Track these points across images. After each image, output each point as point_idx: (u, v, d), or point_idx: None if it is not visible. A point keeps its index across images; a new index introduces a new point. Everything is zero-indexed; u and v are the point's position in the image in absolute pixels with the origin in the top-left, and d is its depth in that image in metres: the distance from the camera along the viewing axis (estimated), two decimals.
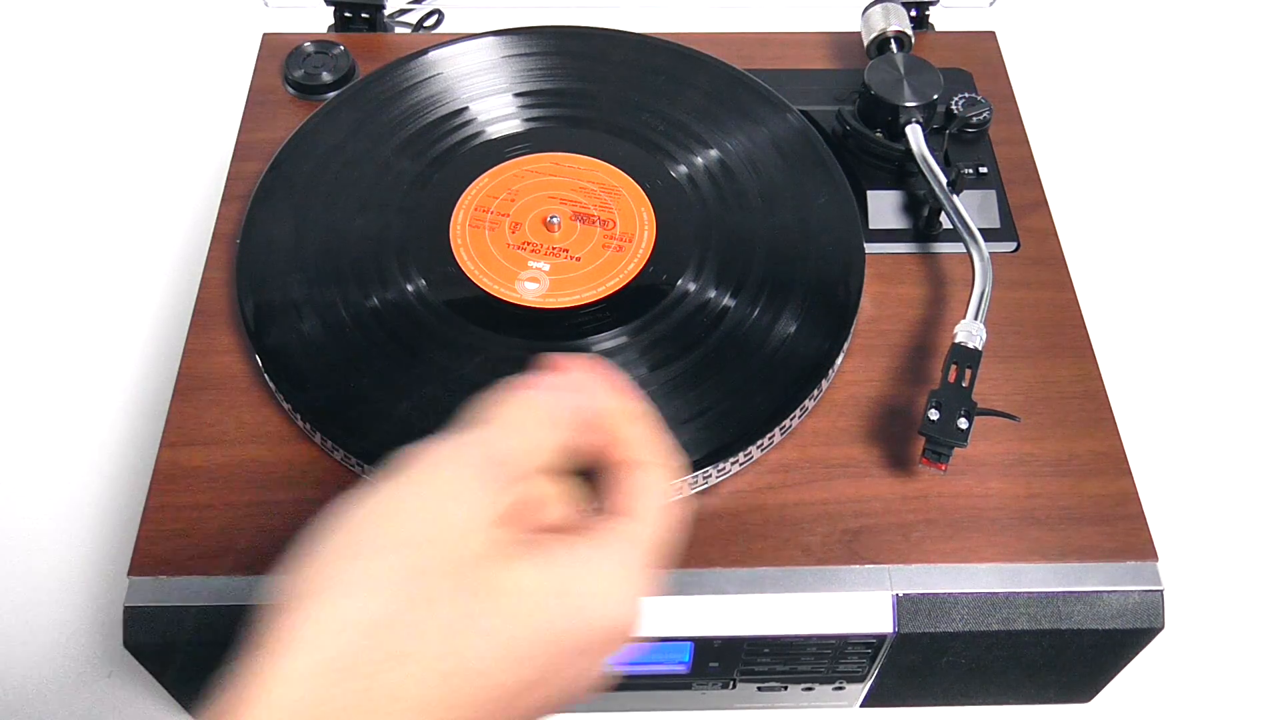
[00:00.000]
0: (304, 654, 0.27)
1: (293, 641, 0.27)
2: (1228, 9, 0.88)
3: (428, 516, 0.29)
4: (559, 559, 0.29)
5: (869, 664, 0.47)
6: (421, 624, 0.27)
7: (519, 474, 0.31)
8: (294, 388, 0.48)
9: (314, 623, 0.27)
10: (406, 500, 0.29)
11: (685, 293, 0.51)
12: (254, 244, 0.53)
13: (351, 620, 0.27)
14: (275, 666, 0.27)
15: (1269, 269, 0.72)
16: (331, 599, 0.27)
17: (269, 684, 0.27)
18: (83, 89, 0.81)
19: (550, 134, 0.57)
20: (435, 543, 0.28)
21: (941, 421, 0.44)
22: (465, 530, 0.29)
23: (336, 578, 0.28)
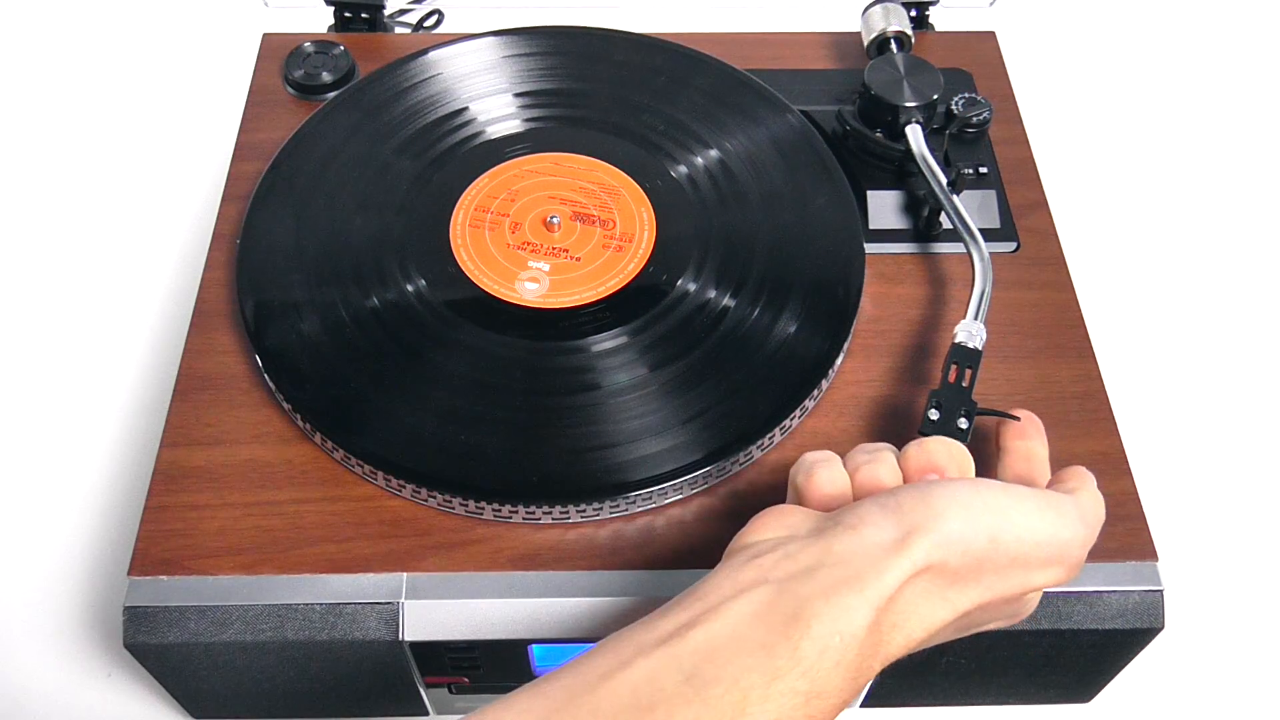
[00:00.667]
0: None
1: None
2: (1228, 9, 0.88)
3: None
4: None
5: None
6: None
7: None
8: (294, 388, 0.48)
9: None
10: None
11: (685, 293, 0.51)
12: (254, 244, 0.53)
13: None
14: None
15: (1269, 269, 0.72)
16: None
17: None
18: (83, 89, 0.81)
19: (550, 134, 0.57)
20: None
21: (941, 421, 0.44)
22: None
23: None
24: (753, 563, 0.35)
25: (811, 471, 0.39)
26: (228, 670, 0.46)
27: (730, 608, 0.33)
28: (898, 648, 0.35)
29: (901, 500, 0.35)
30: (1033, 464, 0.42)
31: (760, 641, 0.32)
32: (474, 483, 0.45)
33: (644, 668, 0.32)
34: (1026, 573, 0.36)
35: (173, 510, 0.46)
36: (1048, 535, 0.36)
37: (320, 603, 0.43)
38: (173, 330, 0.67)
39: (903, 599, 0.34)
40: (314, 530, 0.45)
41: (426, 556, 0.45)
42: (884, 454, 0.40)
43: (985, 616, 0.37)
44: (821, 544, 0.35)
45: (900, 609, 0.34)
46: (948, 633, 0.37)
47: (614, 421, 0.47)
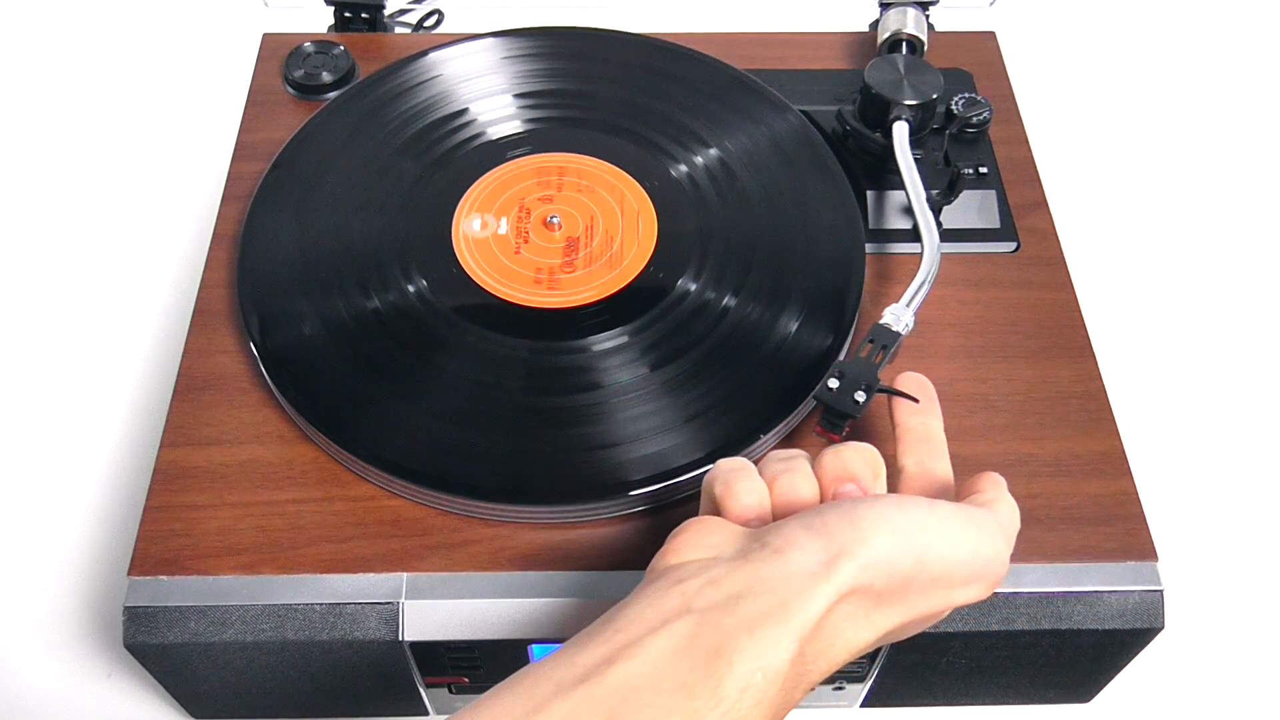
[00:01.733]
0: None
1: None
2: (1228, 9, 0.88)
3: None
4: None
5: (869, 664, 0.47)
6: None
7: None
8: (294, 388, 0.48)
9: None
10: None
11: (686, 292, 0.51)
12: (254, 244, 0.53)
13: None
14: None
15: (1269, 269, 0.72)
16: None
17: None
18: (83, 89, 0.81)
19: (551, 134, 0.57)
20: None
21: (839, 391, 0.44)
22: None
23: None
24: (676, 589, 0.34)
25: (729, 483, 0.38)
26: (228, 670, 0.46)
27: (650, 642, 0.32)
28: (820, 674, 0.34)
29: (828, 521, 0.35)
30: (930, 443, 0.42)
31: (681, 680, 0.31)
32: (474, 483, 0.45)
33: (561, 711, 0.31)
34: (949, 591, 0.36)
35: (173, 510, 0.46)
36: (970, 553, 0.36)
37: (320, 603, 0.43)
38: (173, 330, 0.67)
39: (828, 625, 0.34)
40: (314, 530, 0.45)
41: (426, 556, 0.45)
42: (799, 462, 0.39)
43: (904, 632, 0.37)
44: (747, 569, 0.34)
45: (825, 635, 0.34)
46: (868, 649, 0.36)
47: (614, 421, 0.47)
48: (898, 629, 0.36)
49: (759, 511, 0.38)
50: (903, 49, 0.60)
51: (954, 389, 0.50)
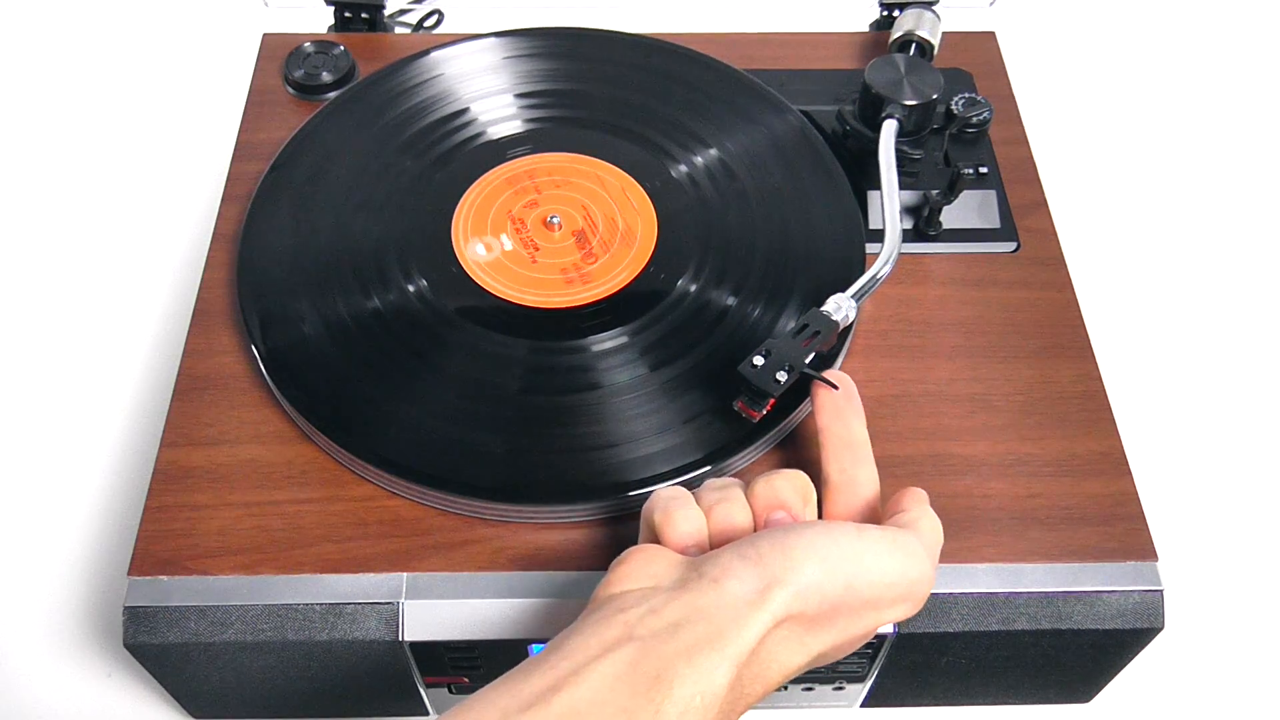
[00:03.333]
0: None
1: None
2: (1228, 9, 0.88)
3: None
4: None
5: (869, 664, 0.47)
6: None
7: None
8: (294, 388, 0.48)
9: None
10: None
11: (685, 293, 0.51)
12: (254, 244, 0.53)
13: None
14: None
15: (1269, 269, 0.72)
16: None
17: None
18: (83, 89, 0.81)
19: (551, 134, 0.57)
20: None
21: (762, 369, 0.44)
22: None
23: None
24: (617, 617, 0.35)
25: (668, 511, 0.40)
26: (228, 670, 0.46)
27: (594, 669, 0.33)
28: (756, 696, 0.36)
29: (761, 551, 0.36)
30: (854, 449, 0.43)
31: (623, 705, 0.33)
32: (474, 483, 0.45)
33: None
34: (878, 612, 0.37)
35: (173, 510, 0.46)
36: (898, 575, 0.37)
37: (320, 603, 0.43)
38: (173, 330, 0.67)
39: (764, 650, 0.35)
40: (314, 530, 0.45)
41: (426, 556, 0.45)
42: (734, 491, 0.41)
43: (836, 653, 0.38)
44: (685, 598, 0.35)
45: (761, 660, 0.35)
46: (801, 671, 0.37)
47: (614, 421, 0.47)
48: (830, 650, 0.37)
49: (697, 539, 0.39)
50: (911, 51, 0.60)
51: (954, 389, 0.50)
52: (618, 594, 0.37)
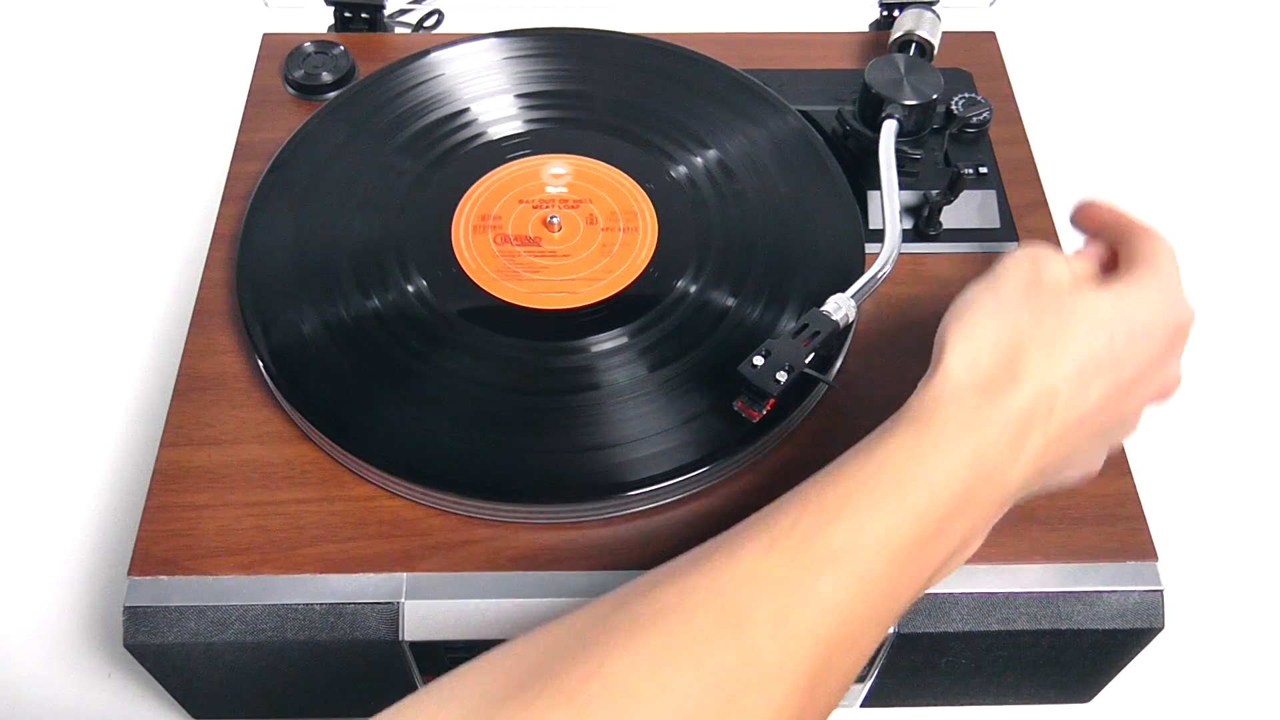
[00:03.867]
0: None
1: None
2: (1228, 9, 0.88)
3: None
4: (1119, 289, 0.40)
5: (869, 664, 0.47)
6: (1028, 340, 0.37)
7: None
8: (294, 388, 0.48)
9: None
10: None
11: (685, 293, 0.51)
12: (254, 244, 0.53)
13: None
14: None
15: (1269, 269, 0.72)
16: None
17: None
18: (83, 89, 0.81)
19: (551, 135, 0.57)
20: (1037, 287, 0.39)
21: (762, 369, 0.44)
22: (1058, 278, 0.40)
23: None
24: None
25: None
26: (228, 670, 0.46)
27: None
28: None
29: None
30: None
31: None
32: (474, 483, 0.45)
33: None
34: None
35: (173, 510, 0.46)
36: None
37: (320, 603, 0.43)
38: (173, 330, 0.67)
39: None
40: (314, 530, 0.45)
41: (426, 556, 0.45)
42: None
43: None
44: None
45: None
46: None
47: (614, 422, 0.47)
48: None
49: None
50: (911, 51, 0.60)
51: None
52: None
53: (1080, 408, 0.37)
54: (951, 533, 0.35)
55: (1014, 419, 0.36)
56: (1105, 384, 0.38)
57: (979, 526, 0.37)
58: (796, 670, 0.32)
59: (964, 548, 0.37)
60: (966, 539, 0.36)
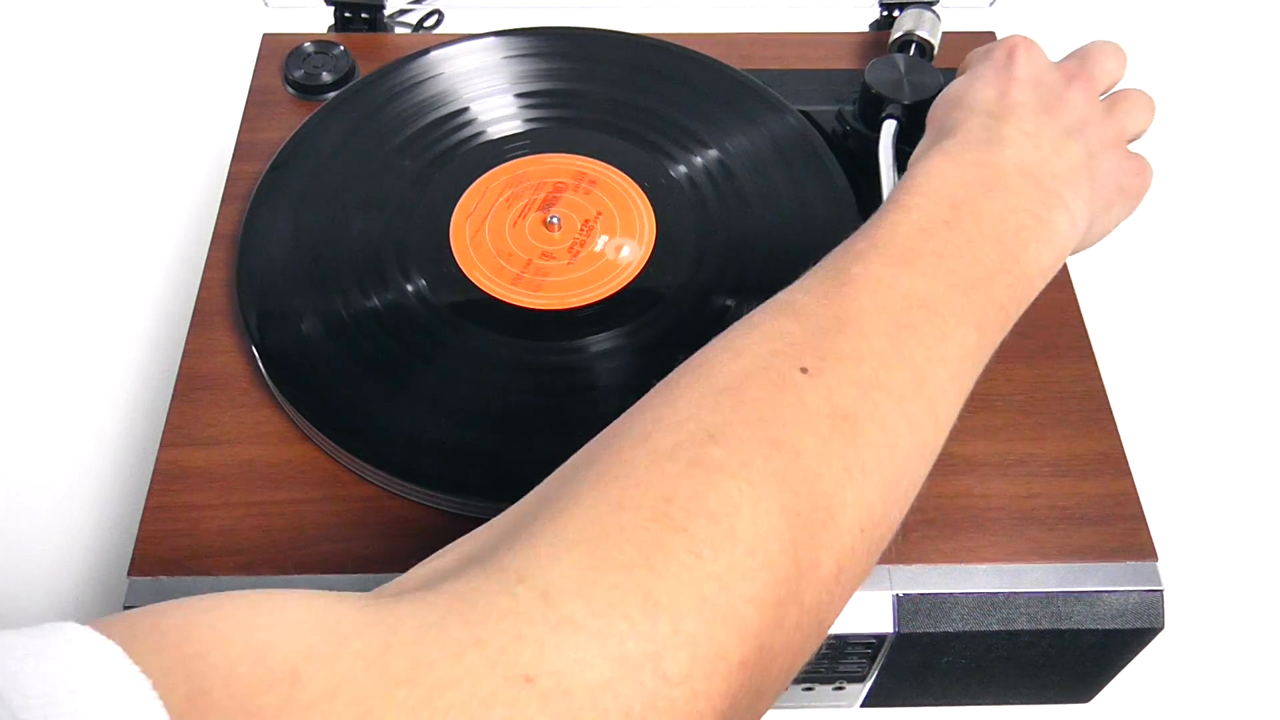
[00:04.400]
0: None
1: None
2: (1227, 10, 0.88)
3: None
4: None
5: (869, 664, 0.47)
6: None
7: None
8: (294, 388, 0.48)
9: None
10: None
11: (685, 293, 0.51)
12: (254, 244, 0.53)
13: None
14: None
15: (1269, 269, 0.72)
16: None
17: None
18: (83, 89, 0.81)
19: (550, 134, 0.57)
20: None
21: None
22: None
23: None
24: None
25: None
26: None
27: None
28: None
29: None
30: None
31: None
32: (473, 483, 0.45)
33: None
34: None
35: (173, 510, 0.46)
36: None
37: None
38: (173, 330, 0.67)
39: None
40: (314, 530, 0.45)
41: (426, 556, 0.45)
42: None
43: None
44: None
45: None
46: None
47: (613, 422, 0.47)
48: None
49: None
50: (911, 51, 0.60)
51: None
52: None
53: (1017, 106, 0.42)
54: (977, 211, 0.37)
55: (966, 131, 0.41)
56: (1018, 92, 0.43)
57: (1026, 202, 0.38)
58: (861, 322, 0.34)
59: (1027, 226, 0.38)
60: (1015, 213, 0.38)
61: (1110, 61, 0.48)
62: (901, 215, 0.37)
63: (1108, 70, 0.47)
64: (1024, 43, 0.45)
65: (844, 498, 0.31)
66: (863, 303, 0.34)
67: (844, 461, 0.31)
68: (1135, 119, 0.47)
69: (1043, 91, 0.43)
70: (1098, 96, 0.46)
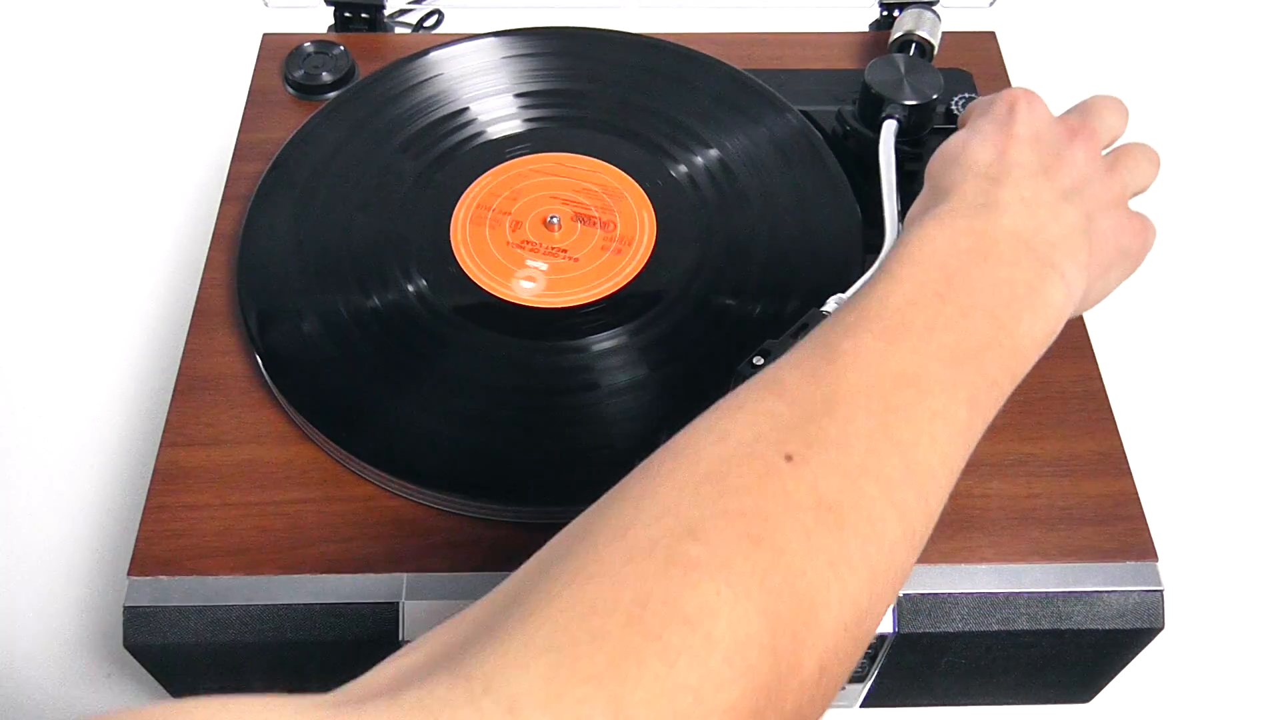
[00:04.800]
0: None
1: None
2: (1227, 9, 0.88)
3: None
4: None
5: (869, 664, 0.47)
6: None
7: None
8: (294, 388, 0.48)
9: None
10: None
11: (685, 293, 0.51)
12: (254, 244, 0.53)
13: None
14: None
15: (1269, 269, 0.72)
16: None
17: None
18: (83, 89, 0.81)
19: (551, 134, 0.57)
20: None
21: (761, 370, 0.43)
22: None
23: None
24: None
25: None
26: (228, 670, 0.46)
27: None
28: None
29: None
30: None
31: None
32: (473, 482, 0.45)
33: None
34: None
35: (173, 510, 0.46)
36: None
37: (320, 603, 0.43)
38: (173, 330, 0.67)
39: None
40: (314, 530, 0.45)
41: (426, 556, 0.45)
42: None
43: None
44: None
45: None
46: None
47: (614, 422, 0.47)
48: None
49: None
50: (911, 51, 0.60)
51: None
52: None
53: (1014, 168, 0.40)
54: (969, 282, 0.36)
55: (960, 197, 0.39)
56: (1017, 151, 0.41)
57: (1021, 273, 0.37)
58: (849, 405, 0.33)
59: (1021, 298, 0.37)
60: (1009, 285, 0.37)
61: (1112, 116, 0.47)
62: (892, 286, 0.36)
63: (1109, 125, 0.46)
64: (1025, 96, 0.44)
65: (828, 596, 0.29)
66: (851, 381, 0.33)
67: (828, 556, 0.30)
68: (1139, 175, 0.45)
69: (1042, 149, 0.41)
70: (1099, 153, 0.44)
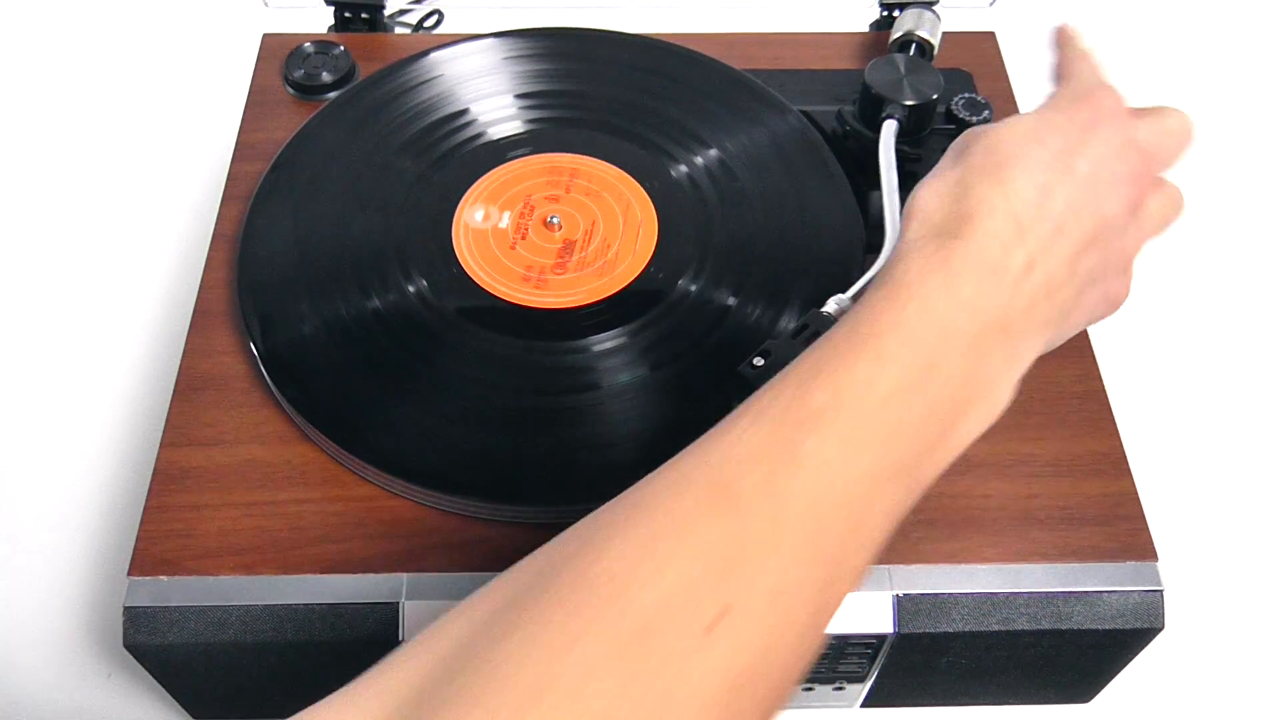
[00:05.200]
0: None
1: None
2: (1227, 10, 0.88)
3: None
4: (1040, 107, 0.42)
5: (869, 664, 0.47)
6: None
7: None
8: (294, 388, 0.48)
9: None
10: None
11: (685, 293, 0.51)
12: (254, 244, 0.53)
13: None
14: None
15: (1269, 269, 0.72)
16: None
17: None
18: (83, 89, 0.81)
19: (551, 135, 0.57)
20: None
21: (762, 370, 0.43)
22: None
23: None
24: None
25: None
26: (228, 670, 0.46)
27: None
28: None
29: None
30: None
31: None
32: (473, 482, 0.45)
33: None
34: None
35: (173, 510, 0.46)
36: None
37: (320, 603, 0.43)
38: (173, 330, 0.67)
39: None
40: (314, 530, 0.45)
41: (426, 556, 0.45)
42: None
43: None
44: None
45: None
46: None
47: (614, 422, 0.47)
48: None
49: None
50: (911, 51, 0.60)
51: None
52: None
53: (1050, 218, 0.36)
54: (946, 374, 0.34)
55: (979, 247, 0.35)
56: (1066, 189, 0.37)
57: (988, 366, 0.35)
58: (793, 538, 0.31)
59: (979, 394, 0.35)
60: (974, 380, 0.35)
61: (1177, 151, 0.44)
62: (878, 371, 0.33)
63: (1164, 162, 0.44)
64: (1114, 116, 0.41)
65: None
66: (802, 500, 0.31)
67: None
68: (1157, 222, 0.43)
69: (1089, 198, 0.38)
70: (1141, 204, 0.42)
